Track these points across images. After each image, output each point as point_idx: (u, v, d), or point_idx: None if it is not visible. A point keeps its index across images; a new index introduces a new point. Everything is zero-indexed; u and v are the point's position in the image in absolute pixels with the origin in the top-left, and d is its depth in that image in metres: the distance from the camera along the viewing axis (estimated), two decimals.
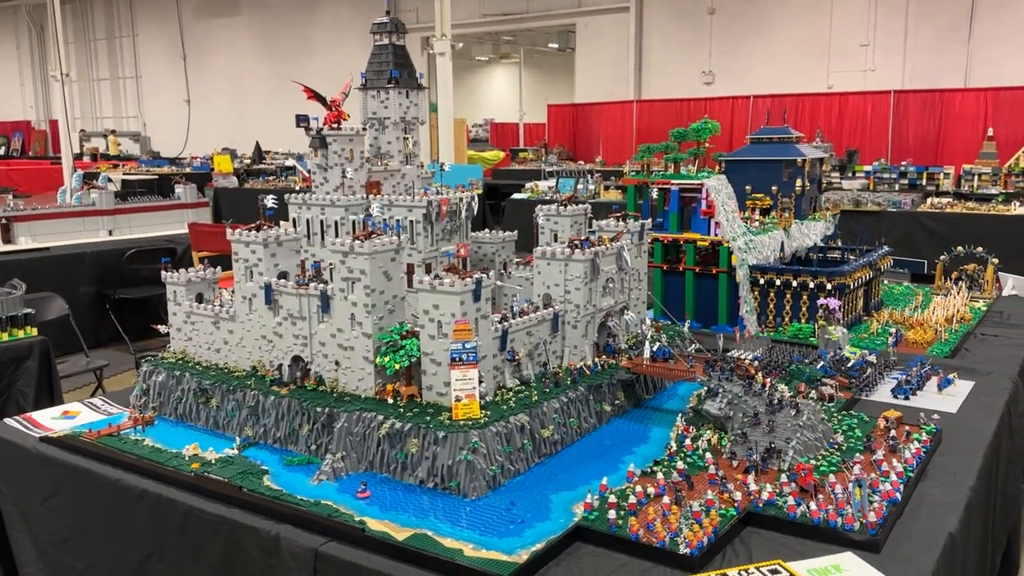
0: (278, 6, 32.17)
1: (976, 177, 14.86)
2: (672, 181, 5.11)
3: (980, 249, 5.97)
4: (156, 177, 19.15)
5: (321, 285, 3.23)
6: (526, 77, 41.23)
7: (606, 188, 13.32)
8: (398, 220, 3.86)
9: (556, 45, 35.43)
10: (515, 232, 4.37)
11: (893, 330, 4.69)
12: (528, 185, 14.69)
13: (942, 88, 22.38)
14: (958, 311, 5.17)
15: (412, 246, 3.83)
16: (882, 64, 23.71)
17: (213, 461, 3.05)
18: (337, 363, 3.24)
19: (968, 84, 22.40)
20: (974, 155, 18.93)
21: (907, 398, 3.80)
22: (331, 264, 3.24)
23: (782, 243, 5.18)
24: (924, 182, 15.33)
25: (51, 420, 3.66)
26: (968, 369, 4.20)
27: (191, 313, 3.66)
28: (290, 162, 23.71)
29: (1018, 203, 11.40)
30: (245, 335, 3.50)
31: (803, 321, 4.85)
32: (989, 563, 3.51)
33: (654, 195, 5.21)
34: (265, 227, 3.47)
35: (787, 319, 4.92)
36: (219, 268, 3.83)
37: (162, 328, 3.77)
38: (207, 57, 33.71)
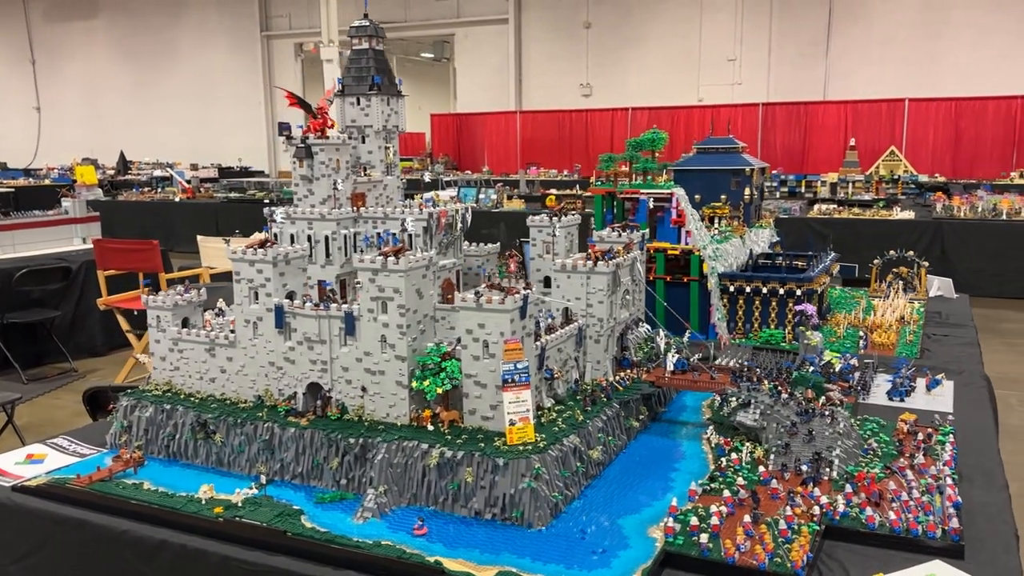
0: (138, 9, 30.56)
1: (850, 184, 15.76)
2: (641, 191, 5.09)
3: (910, 253, 6.27)
4: (12, 190, 17.72)
5: (345, 305, 2.99)
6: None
7: (509, 198, 13.30)
8: (395, 234, 3.67)
9: (431, 54, 35.28)
10: (497, 244, 4.24)
11: (861, 333, 4.83)
12: (427, 195, 14.45)
13: (805, 100, 23.68)
14: (907, 313, 5.39)
15: None
16: (748, 78, 24.89)
17: (239, 503, 2.75)
18: (364, 389, 3.01)
19: (827, 96, 23.81)
20: (838, 164, 20.15)
21: (902, 400, 3.90)
22: (357, 282, 3.00)
23: (751, 251, 5.25)
24: (803, 189, 16.15)
25: (15, 466, 3.23)
26: (940, 369, 4.36)
27: (178, 340, 3.32)
28: (160, 172, 22.54)
29: (898, 208, 12.13)
30: (248, 362, 3.20)
31: (772, 327, 4.93)
32: None
33: (626, 205, 5.18)
34: (270, 244, 3.19)
35: (756, 325, 4.99)
36: (203, 289, 3.50)
37: (141, 358, 3.41)
38: (60, 62, 31.61)
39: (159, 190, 17.76)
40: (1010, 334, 10.16)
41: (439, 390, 2.87)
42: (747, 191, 5.87)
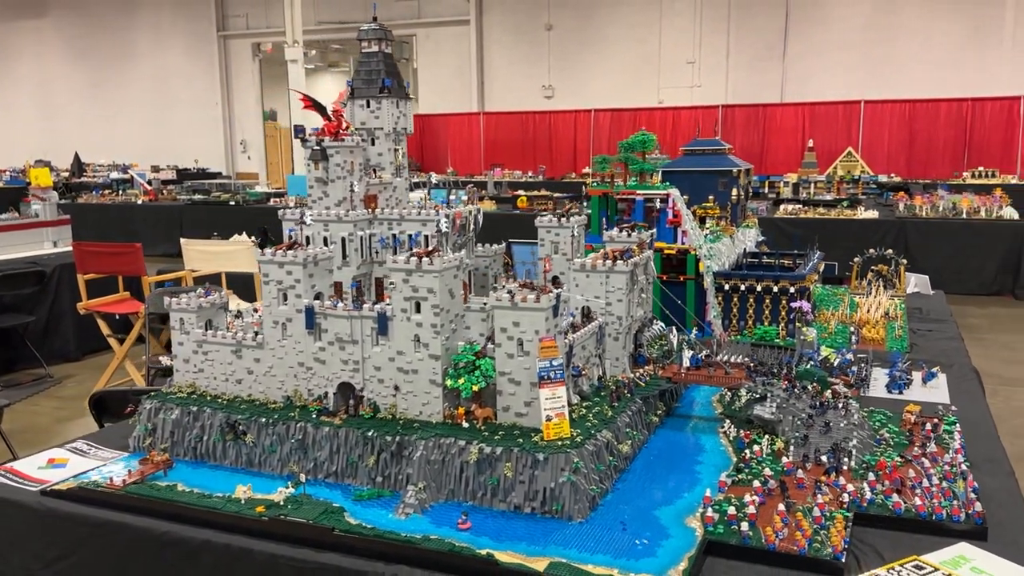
0: (92, 8, 29.99)
1: (812, 185, 16.11)
2: (637, 191, 5.19)
3: (890, 251, 6.47)
4: None
5: (378, 305, 3.03)
6: None
7: (480, 199, 13.37)
8: (411, 235, 3.71)
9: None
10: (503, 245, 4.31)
11: (852, 329, 4.99)
12: None
13: (764, 103, 24.12)
14: (891, 309, 5.57)
15: None
16: (707, 80, 25.29)
17: (281, 502, 2.77)
18: (396, 388, 3.05)
19: (784, 99, 24.28)
20: (796, 165, 20.56)
21: (900, 392, 4.04)
22: (391, 283, 3.04)
23: (744, 249, 5.38)
24: (766, 190, 16.46)
25: (38, 470, 3.21)
26: (932, 362, 4.52)
27: (203, 342, 3.32)
28: (117, 174, 22.14)
29: (862, 208, 12.44)
30: (276, 363, 3.22)
31: (766, 324, 5.06)
32: None
33: (619, 206, 5.27)
34: (299, 246, 3.21)
35: (750, 323, 5.11)
36: (224, 291, 3.50)
37: (165, 359, 3.40)
38: (9, 62, 30.92)
39: (120, 192, 17.44)
40: (975, 329, 10.50)
41: (474, 388, 2.92)
42: (734, 192, 6.01)
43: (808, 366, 4.23)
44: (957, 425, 3.42)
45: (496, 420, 2.98)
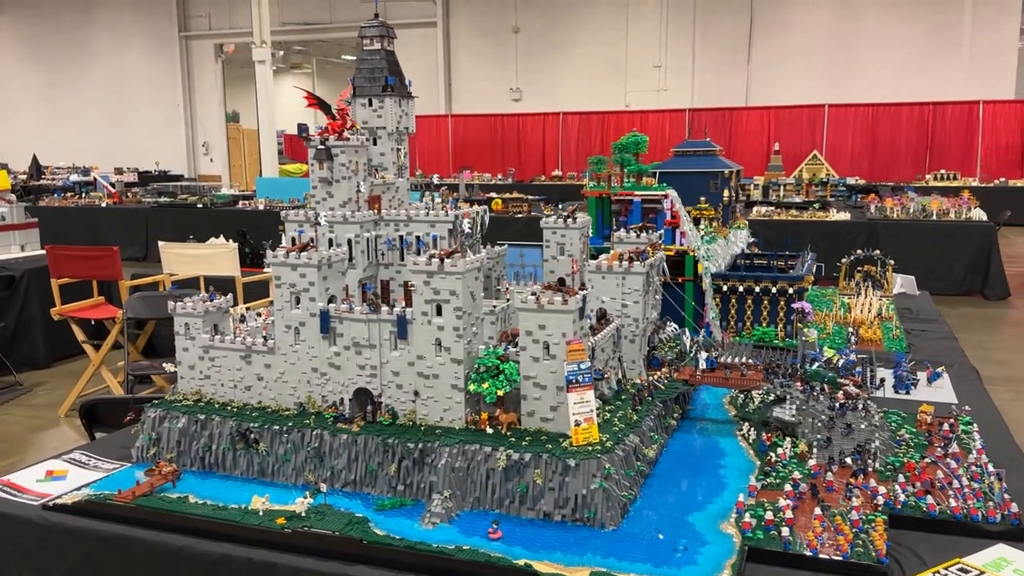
0: (46, 8, 29.35)
1: (781, 187, 16.25)
2: (635, 192, 5.15)
3: (877, 252, 6.51)
4: None
5: (397, 309, 2.94)
6: (319, 88, 40.33)
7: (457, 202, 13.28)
8: (419, 236, 3.63)
9: (353, 57, 34.83)
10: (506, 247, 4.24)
11: (850, 329, 5.00)
12: None
13: (730, 107, 24.33)
14: (883, 310, 5.60)
15: None
16: (673, 84, 25.47)
17: (303, 513, 2.67)
18: (416, 393, 2.96)
19: (749, 103, 24.54)
20: (763, 168, 20.75)
21: (907, 392, 4.05)
22: (412, 285, 2.95)
23: (742, 250, 5.36)
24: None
25: (37, 483, 3.06)
26: (935, 362, 4.53)
27: (209, 347, 3.20)
28: (77, 176, 21.65)
29: (834, 210, 12.57)
30: (288, 369, 3.11)
31: (764, 325, 5.05)
32: None
33: (613, 207, 5.22)
34: (312, 247, 3.11)
35: (748, 324, 5.10)
36: (230, 295, 3.38)
37: (168, 366, 3.27)
38: None
39: (83, 195, 17.02)
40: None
41: (499, 392, 2.84)
42: (726, 193, 6.00)
43: (815, 367, 4.22)
44: (975, 426, 3.41)
45: (520, 425, 2.91)
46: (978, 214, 11.97)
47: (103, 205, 15.90)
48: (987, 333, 10.83)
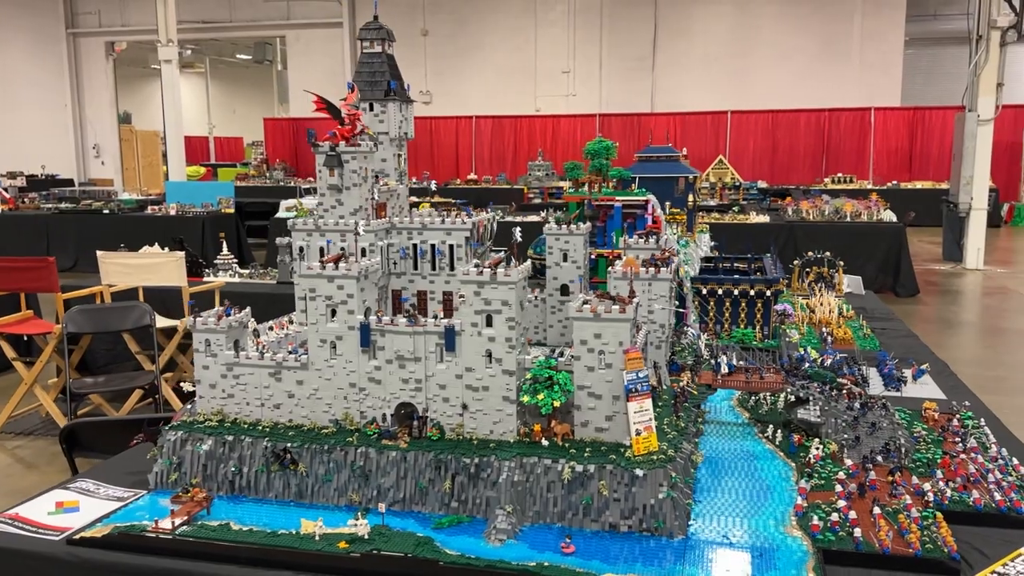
0: None
1: (698, 192, 16.66)
2: (616, 197, 5.16)
3: (828, 254, 6.75)
4: None
5: (445, 320, 2.85)
6: (214, 89, 39.10)
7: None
8: (435, 245, 3.55)
9: (250, 56, 33.91)
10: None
11: (824, 330, 5.15)
12: (290, 203, 13.91)
13: (637, 112, 24.82)
14: (843, 309, 5.80)
15: (450, 272, 3.55)
16: (582, 89, 25.81)
17: (366, 535, 2.55)
18: (464, 407, 2.87)
19: (655, 109, 25.11)
20: None
21: (898, 390, 4.19)
22: (461, 296, 2.86)
23: (719, 252, 5.45)
24: None
25: (48, 516, 2.83)
26: (917, 359, 4.70)
27: (233, 365, 3.02)
28: None
29: (754, 213, 12.98)
30: (323, 385, 2.97)
31: (742, 327, 5.15)
32: None
33: (588, 212, 5.21)
34: (346, 258, 2.98)
35: (726, 326, 5.19)
36: (249, 308, 3.20)
37: (187, 386, 3.08)
38: None
39: None
40: None
41: (556, 403, 2.79)
42: (691, 197, 6.10)
43: (815, 368, 4.32)
44: (983, 420, 3.56)
45: (573, 436, 2.86)
46: (888, 215, 12.59)
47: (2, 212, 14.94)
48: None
